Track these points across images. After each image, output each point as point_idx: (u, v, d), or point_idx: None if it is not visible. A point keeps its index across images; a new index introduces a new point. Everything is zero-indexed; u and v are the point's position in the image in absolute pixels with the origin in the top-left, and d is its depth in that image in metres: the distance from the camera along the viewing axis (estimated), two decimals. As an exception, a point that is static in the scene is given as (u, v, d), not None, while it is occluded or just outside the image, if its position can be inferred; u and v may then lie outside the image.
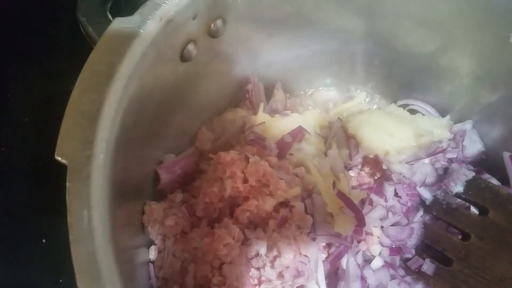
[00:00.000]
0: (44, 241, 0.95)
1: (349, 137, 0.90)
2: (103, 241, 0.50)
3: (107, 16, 0.74)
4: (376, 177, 0.89)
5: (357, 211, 0.75)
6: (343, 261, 0.77)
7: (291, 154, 0.87)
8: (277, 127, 0.91)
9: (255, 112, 0.95)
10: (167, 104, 0.76)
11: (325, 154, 0.90)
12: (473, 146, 0.91)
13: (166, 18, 0.64)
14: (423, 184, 0.86)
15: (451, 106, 0.95)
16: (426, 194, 0.85)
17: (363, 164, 0.90)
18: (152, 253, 0.76)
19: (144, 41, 0.61)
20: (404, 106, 1.00)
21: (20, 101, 1.12)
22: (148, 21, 0.62)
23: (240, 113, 0.95)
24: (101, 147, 0.54)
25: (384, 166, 0.84)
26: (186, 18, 0.68)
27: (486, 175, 0.88)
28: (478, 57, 0.84)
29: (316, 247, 0.76)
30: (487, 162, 0.92)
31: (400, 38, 0.89)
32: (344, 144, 0.90)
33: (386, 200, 0.84)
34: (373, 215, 0.81)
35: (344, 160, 0.88)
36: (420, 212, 0.86)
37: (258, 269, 0.73)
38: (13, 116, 1.11)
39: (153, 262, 0.76)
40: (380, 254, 0.81)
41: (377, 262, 0.80)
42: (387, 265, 0.80)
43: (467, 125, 0.91)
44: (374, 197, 0.83)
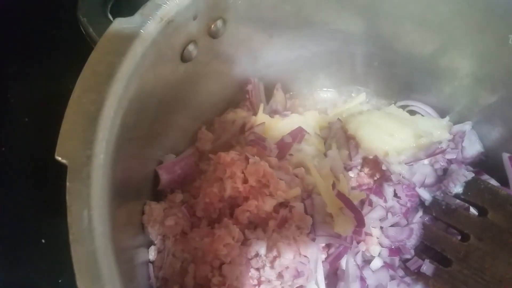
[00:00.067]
0: (44, 241, 0.95)
1: (348, 137, 0.90)
2: (103, 241, 0.50)
3: (107, 17, 0.74)
4: (376, 178, 0.89)
5: (356, 211, 0.75)
6: (343, 262, 0.77)
7: (291, 154, 0.87)
8: (277, 127, 0.91)
9: (255, 113, 0.95)
10: (167, 104, 0.76)
11: (325, 155, 0.90)
12: (472, 147, 0.91)
13: (167, 18, 0.64)
14: (423, 185, 0.86)
15: (450, 107, 0.95)
16: (426, 195, 0.85)
17: (363, 164, 0.90)
18: (152, 253, 0.76)
19: (145, 41, 0.61)
20: (403, 107, 1.00)
21: (20, 101, 1.12)
22: (148, 22, 0.62)
23: (240, 113, 0.95)
24: (101, 147, 0.53)
25: (383, 167, 0.84)
26: (186, 19, 0.68)
27: (486, 176, 0.88)
28: (478, 58, 0.84)
29: (316, 248, 0.76)
30: (486, 163, 0.92)
31: (400, 39, 0.89)
32: (344, 145, 0.90)
33: (385, 200, 0.84)
34: (372, 216, 0.81)
35: (344, 160, 0.88)
36: (420, 213, 0.86)
37: (257, 269, 0.73)
38: (13, 116, 1.11)
39: (153, 262, 0.76)
40: (379, 254, 0.81)
41: (376, 263, 0.80)
42: (387, 265, 0.80)
43: (466, 126, 0.91)
44: (374, 198, 0.83)
